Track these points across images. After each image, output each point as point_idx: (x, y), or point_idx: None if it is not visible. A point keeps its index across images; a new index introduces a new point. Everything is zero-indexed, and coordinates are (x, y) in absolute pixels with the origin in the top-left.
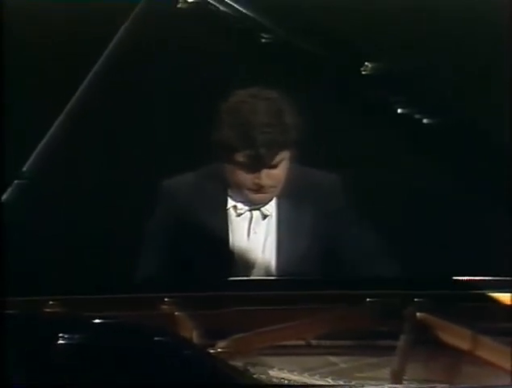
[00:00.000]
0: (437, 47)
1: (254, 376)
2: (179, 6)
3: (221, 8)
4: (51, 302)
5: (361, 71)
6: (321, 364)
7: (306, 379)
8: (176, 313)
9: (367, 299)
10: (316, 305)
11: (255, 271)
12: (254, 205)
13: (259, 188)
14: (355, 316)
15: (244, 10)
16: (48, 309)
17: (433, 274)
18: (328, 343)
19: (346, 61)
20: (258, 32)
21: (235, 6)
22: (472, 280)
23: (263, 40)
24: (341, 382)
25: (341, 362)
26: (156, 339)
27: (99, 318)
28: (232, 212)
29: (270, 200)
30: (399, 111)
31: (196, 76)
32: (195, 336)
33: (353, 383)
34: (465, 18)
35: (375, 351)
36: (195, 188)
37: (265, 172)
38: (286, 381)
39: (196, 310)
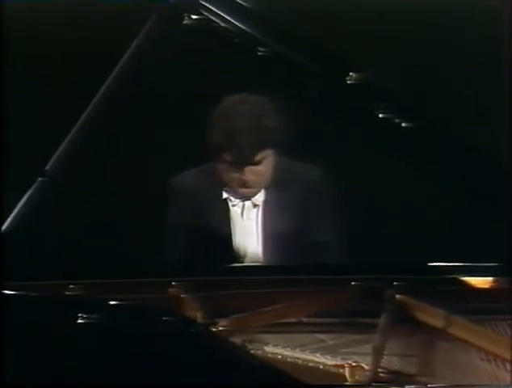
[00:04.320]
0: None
1: (251, 351)
2: (185, 22)
3: (222, 24)
4: (71, 286)
5: (346, 80)
6: (310, 341)
7: (297, 354)
8: (182, 295)
9: (352, 283)
10: (307, 288)
11: (250, 250)
12: (245, 197)
13: (244, 183)
14: (341, 298)
15: (241, 26)
16: (68, 293)
17: (410, 260)
18: (317, 322)
19: (328, 70)
20: (254, 45)
21: (233, 22)
22: (445, 265)
23: (259, 53)
24: (328, 357)
25: (328, 339)
26: (164, 318)
27: (114, 301)
28: (228, 202)
29: (258, 193)
30: (376, 113)
31: (201, 84)
32: (198, 316)
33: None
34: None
35: (359, 329)
36: (197, 184)
37: (249, 169)
38: (279, 356)
39: (200, 293)
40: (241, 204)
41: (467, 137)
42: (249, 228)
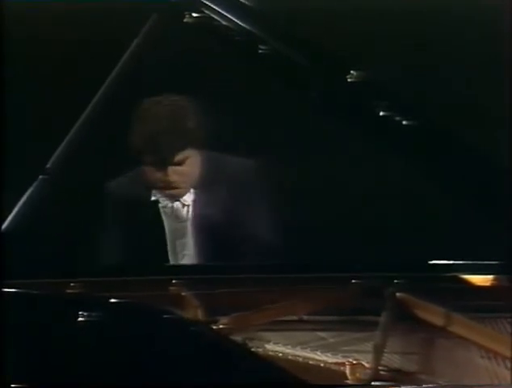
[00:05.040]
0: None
1: (252, 349)
2: (186, 20)
3: (223, 22)
4: (72, 284)
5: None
6: (311, 338)
7: (298, 352)
8: (183, 293)
9: (353, 280)
10: (308, 286)
11: (185, 251)
12: (173, 198)
13: (169, 184)
14: (342, 296)
15: (242, 24)
16: (68, 291)
17: (411, 258)
18: (318, 320)
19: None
20: (255, 43)
21: (235, 20)
22: (445, 263)
23: (260, 51)
24: (329, 355)
25: (329, 337)
26: (164, 316)
27: (114, 299)
28: (157, 204)
29: (186, 193)
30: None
31: (201, 83)
32: (199, 314)
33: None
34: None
35: (359, 327)
36: (131, 186)
37: (172, 170)
38: (280, 354)
39: (201, 291)
40: (170, 205)
41: (468, 137)
42: (181, 229)
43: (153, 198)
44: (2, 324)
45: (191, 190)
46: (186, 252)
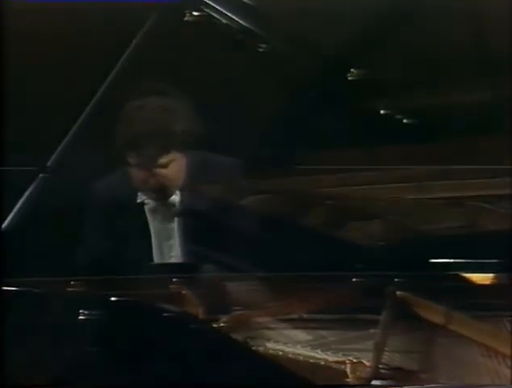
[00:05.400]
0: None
1: (253, 348)
2: (186, 18)
3: (223, 21)
4: (72, 282)
5: None
6: (312, 337)
7: (299, 351)
8: (183, 292)
9: (353, 279)
10: (310, 284)
11: (171, 253)
12: (159, 200)
13: (155, 186)
14: (343, 294)
15: (242, 23)
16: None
17: (411, 257)
18: (318, 318)
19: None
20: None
21: (234, 18)
22: (446, 262)
23: (260, 50)
24: (329, 353)
25: (330, 336)
26: (164, 315)
27: (116, 297)
28: (143, 205)
29: (171, 195)
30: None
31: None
32: (200, 312)
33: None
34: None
35: (360, 325)
36: (118, 187)
37: (157, 172)
38: (281, 353)
39: (202, 289)
40: (156, 206)
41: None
42: (168, 230)
43: (139, 200)
44: (2, 323)
45: (178, 192)
46: (173, 254)
